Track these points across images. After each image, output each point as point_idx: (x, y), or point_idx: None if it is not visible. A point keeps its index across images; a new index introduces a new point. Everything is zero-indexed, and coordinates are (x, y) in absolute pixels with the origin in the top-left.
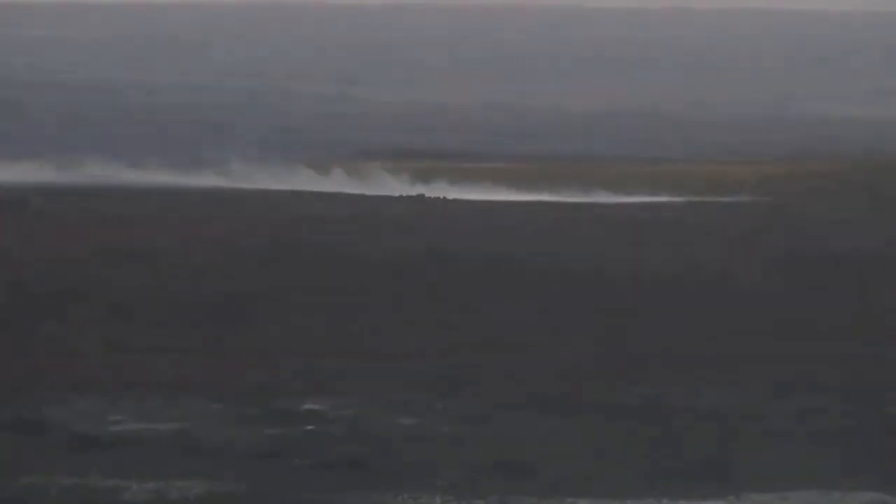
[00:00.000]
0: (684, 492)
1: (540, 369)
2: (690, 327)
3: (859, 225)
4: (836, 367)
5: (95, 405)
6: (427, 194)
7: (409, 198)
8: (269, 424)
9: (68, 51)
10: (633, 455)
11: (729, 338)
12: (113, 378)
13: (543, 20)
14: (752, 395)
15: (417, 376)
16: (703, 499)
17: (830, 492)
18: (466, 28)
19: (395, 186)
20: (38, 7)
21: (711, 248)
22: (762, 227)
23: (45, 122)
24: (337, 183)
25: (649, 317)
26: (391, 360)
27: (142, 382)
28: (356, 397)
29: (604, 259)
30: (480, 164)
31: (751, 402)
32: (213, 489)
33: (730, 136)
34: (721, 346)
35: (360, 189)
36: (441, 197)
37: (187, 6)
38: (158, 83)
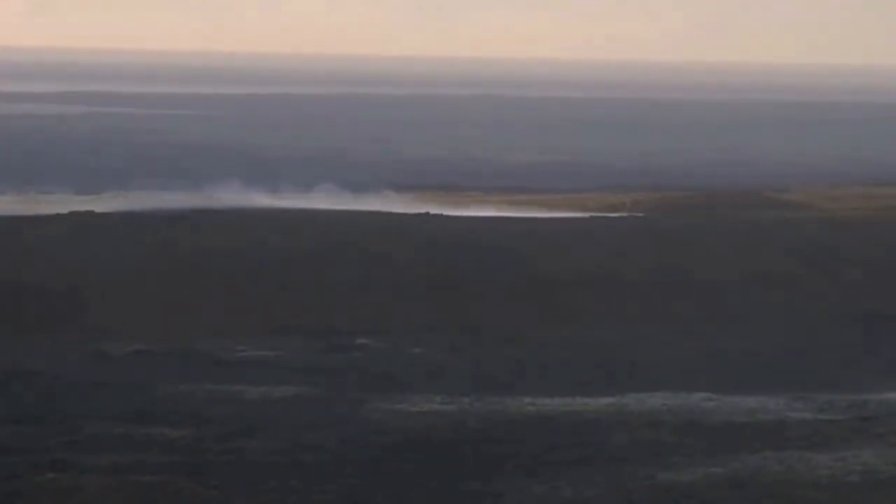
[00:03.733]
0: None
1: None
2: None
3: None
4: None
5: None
6: (431, 212)
7: (419, 214)
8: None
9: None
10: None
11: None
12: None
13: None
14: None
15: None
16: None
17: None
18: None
19: (410, 206)
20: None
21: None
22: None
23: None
24: (373, 205)
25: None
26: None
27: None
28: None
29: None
30: (464, 193)
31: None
32: None
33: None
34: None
35: (387, 209)
36: (440, 213)
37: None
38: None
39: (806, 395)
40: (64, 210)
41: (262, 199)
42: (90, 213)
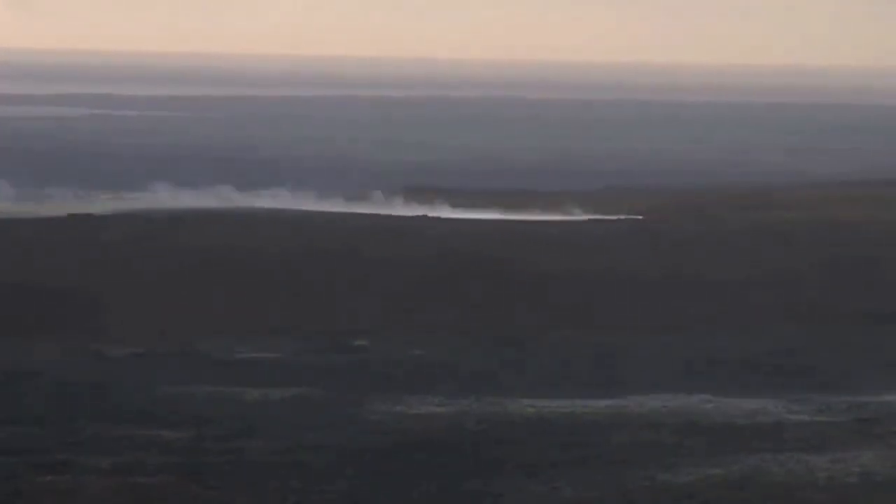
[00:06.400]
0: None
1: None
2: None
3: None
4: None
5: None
6: (428, 214)
7: (416, 216)
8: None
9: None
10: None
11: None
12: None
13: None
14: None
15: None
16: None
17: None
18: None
19: (408, 209)
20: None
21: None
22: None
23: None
24: (371, 207)
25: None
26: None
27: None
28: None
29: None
30: (463, 194)
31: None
32: None
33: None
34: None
35: (386, 211)
36: (438, 216)
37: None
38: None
39: (805, 397)
40: (63, 212)
41: (261, 200)
42: (89, 215)
